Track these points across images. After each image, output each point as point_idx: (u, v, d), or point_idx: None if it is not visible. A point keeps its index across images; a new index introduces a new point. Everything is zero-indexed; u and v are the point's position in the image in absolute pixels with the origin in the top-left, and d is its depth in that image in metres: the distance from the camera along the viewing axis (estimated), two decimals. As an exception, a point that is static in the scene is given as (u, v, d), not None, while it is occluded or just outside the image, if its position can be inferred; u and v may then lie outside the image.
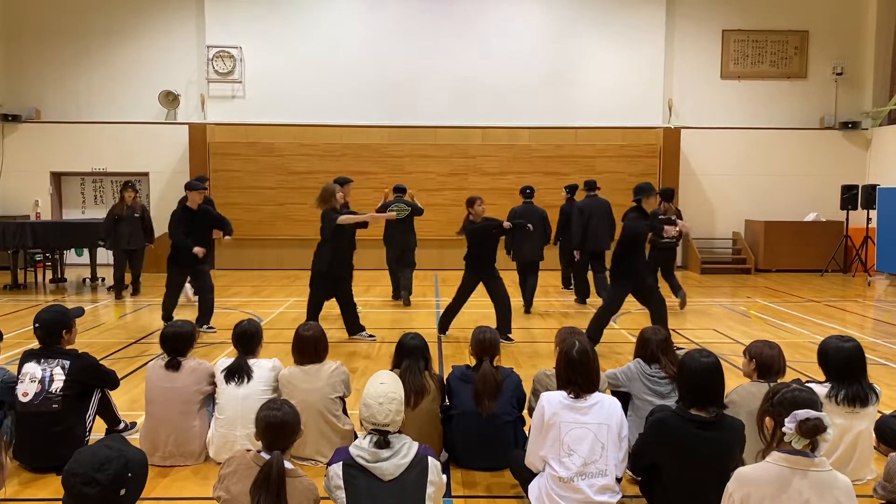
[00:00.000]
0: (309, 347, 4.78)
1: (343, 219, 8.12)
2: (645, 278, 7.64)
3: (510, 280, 9.55)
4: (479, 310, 10.48)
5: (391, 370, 4.55)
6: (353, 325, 8.48)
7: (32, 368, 4.53)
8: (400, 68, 15.73)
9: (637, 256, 7.60)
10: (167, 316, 8.88)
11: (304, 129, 15.55)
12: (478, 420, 4.53)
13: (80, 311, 4.95)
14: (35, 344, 4.76)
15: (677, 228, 7.45)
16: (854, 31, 16.19)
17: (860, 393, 4.34)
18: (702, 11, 16.07)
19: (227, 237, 9.28)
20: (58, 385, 4.49)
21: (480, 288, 8.51)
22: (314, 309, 8.31)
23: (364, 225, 8.49)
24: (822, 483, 2.95)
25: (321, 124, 15.57)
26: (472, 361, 4.79)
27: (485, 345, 4.73)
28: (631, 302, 11.32)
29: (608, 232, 10.99)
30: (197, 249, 8.53)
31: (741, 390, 4.36)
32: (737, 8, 16.11)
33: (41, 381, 4.48)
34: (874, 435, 4.63)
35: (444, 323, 8.62)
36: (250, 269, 14.61)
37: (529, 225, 9.13)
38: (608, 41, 15.88)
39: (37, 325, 4.67)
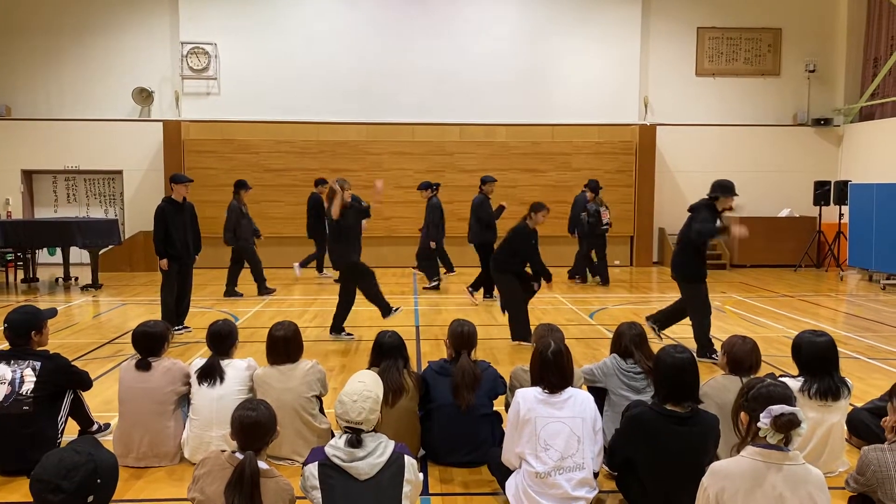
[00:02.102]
0: (279, 347, 4.73)
1: (334, 210, 8.11)
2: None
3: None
4: (460, 307, 10.49)
5: (368, 369, 4.54)
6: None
7: (2, 370, 4.45)
8: (377, 65, 15.66)
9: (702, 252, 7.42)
10: (172, 319, 8.39)
11: (280, 126, 15.44)
12: (455, 412, 4.54)
13: (52, 312, 4.87)
14: (5, 345, 4.68)
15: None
16: (826, 29, 16.40)
17: (832, 387, 4.39)
18: (677, 9, 16.17)
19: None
20: (28, 387, 4.41)
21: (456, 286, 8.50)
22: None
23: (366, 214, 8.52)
24: (795, 476, 2.98)
25: (297, 121, 15.46)
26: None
27: (463, 337, 4.73)
28: (608, 297, 11.40)
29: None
30: (163, 263, 8.39)
31: (713, 382, 4.40)
32: (711, 6, 16.24)
33: (11, 383, 4.41)
34: (846, 428, 4.70)
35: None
36: (226, 268, 14.46)
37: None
38: (584, 39, 15.93)
39: (5, 325, 4.59)
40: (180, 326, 8.62)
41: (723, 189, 7.26)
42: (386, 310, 8.51)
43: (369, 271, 8.44)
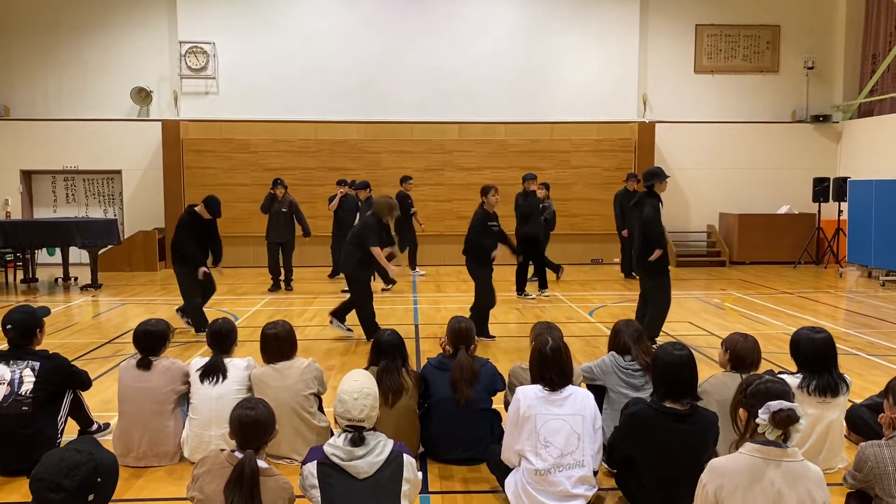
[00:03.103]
0: (272, 345, 4.75)
1: (376, 252, 8.02)
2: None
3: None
4: (458, 304, 10.49)
5: (367, 367, 4.55)
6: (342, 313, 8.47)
7: (1, 370, 4.44)
8: (375, 63, 15.64)
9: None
10: (201, 325, 8.36)
11: (278, 125, 15.42)
12: (454, 407, 4.55)
13: (46, 311, 4.87)
14: (3, 346, 4.67)
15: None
16: (824, 26, 16.38)
17: (831, 383, 4.40)
18: (675, 6, 16.16)
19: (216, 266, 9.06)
20: (28, 387, 4.41)
21: (456, 284, 8.50)
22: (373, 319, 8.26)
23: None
24: (793, 473, 2.98)
25: (296, 120, 15.45)
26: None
27: (461, 334, 4.75)
28: (607, 295, 11.39)
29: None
30: (201, 271, 8.31)
31: (713, 380, 4.41)
32: (710, 3, 16.22)
33: (10, 384, 4.41)
34: (845, 424, 4.71)
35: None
36: (226, 267, 14.43)
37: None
38: (583, 37, 15.91)
39: (8, 326, 4.58)
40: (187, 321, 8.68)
41: (655, 175, 7.61)
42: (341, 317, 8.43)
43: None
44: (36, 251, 13.00)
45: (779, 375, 3.77)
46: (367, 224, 8.17)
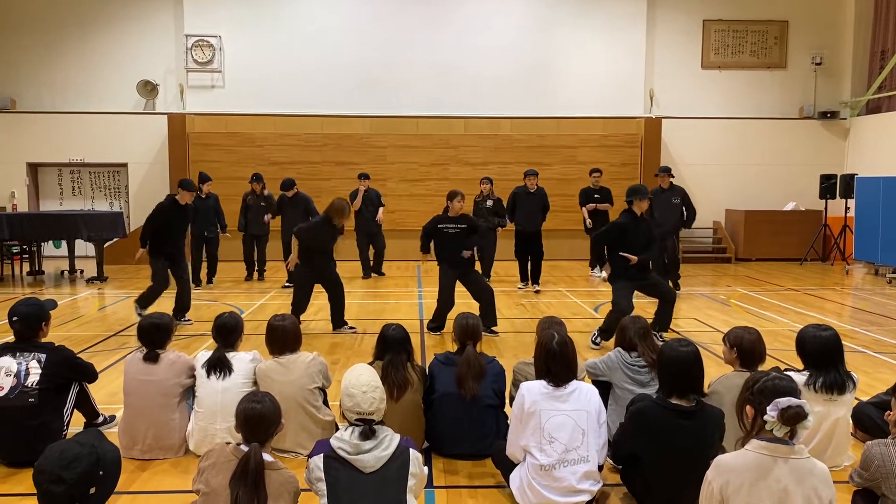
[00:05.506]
0: (277, 336, 4.76)
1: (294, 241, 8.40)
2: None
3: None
4: (463, 300, 10.48)
5: (372, 362, 4.55)
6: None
7: (7, 362, 4.46)
8: (381, 58, 15.62)
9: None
10: (145, 305, 8.54)
11: (284, 119, 15.42)
12: (459, 402, 4.54)
13: (53, 304, 4.89)
14: (9, 338, 4.68)
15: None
16: (832, 22, 16.29)
17: (837, 380, 4.38)
18: (683, 1, 16.08)
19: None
20: (34, 379, 4.43)
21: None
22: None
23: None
24: (800, 470, 2.98)
25: (302, 114, 15.44)
26: (454, 348, 4.80)
27: (468, 330, 4.75)
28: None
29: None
30: (140, 253, 8.57)
31: (725, 381, 4.35)
32: (717, -2, 16.18)
33: (17, 375, 4.42)
34: (851, 422, 4.69)
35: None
36: (231, 261, 14.45)
37: None
38: (589, 31, 15.85)
39: (15, 318, 4.59)
40: (184, 319, 8.64)
41: (637, 192, 7.57)
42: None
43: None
44: (42, 244, 13.05)
45: (785, 372, 3.76)
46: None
